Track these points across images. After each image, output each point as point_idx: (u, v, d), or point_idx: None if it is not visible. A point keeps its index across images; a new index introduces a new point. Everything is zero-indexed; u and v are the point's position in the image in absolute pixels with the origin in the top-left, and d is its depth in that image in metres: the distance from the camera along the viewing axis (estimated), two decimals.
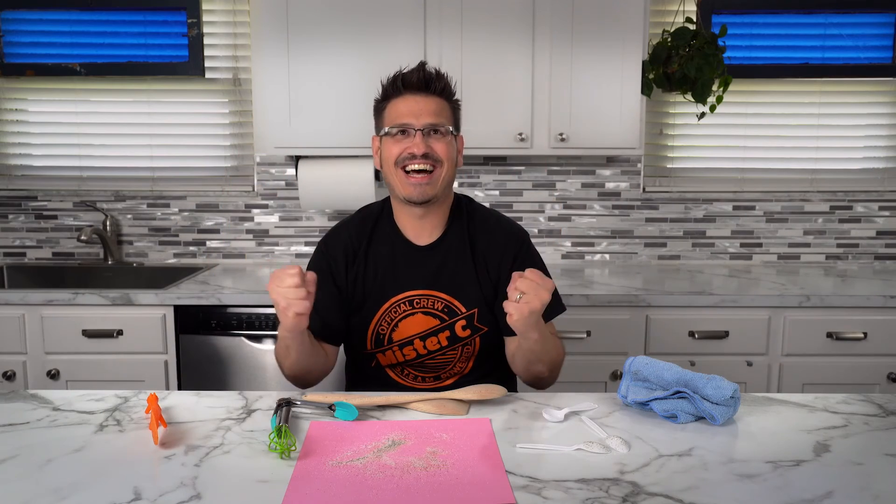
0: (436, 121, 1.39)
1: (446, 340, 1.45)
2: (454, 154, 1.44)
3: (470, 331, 1.45)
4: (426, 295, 1.44)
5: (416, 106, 1.39)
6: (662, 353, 2.15)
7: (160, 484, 0.96)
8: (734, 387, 1.15)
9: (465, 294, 1.45)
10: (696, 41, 2.32)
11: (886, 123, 2.72)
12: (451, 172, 1.44)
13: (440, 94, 1.42)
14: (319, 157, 2.46)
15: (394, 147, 1.40)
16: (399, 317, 1.45)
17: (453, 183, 1.50)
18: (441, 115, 1.41)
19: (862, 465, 1.02)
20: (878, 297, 2.17)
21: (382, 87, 1.45)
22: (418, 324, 1.45)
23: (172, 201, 2.76)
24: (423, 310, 1.44)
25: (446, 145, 1.41)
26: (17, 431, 1.14)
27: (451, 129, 1.42)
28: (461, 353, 1.46)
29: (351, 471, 1.00)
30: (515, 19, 2.30)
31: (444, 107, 1.42)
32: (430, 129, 1.39)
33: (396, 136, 1.40)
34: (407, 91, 1.41)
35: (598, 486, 0.95)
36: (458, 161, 1.48)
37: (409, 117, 1.39)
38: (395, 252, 1.47)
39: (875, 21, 2.66)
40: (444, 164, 1.40)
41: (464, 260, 1.46)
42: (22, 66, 2.69)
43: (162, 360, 2.20)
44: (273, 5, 2.30)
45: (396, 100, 1.41)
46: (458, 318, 1.44)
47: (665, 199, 2.74)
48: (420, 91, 1.40)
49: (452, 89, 1.46)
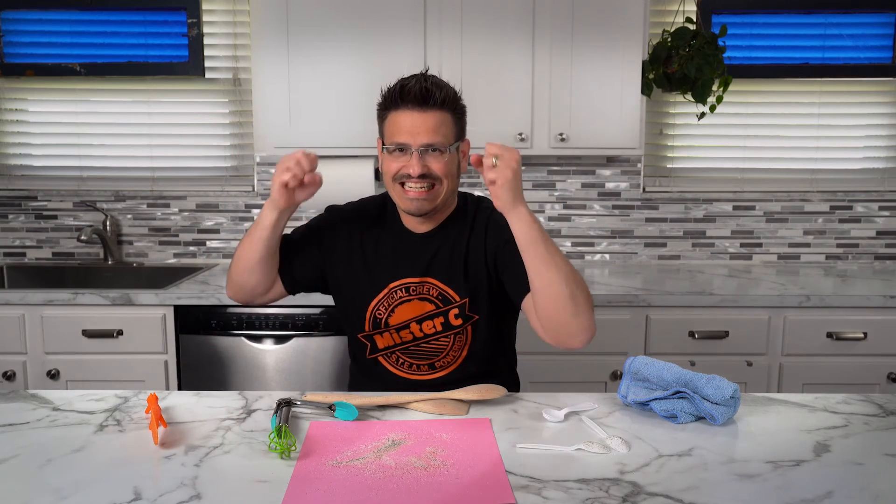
0: (433, 140, 1.36)
1: (441, 326, 1.46)
2: (454, 169, 1.42)
3: (462, 320, 1.46)
4: (422, 282, 1.46)
5: (414, 123, 1.36)
6: (662, 353, 2.15)
7: (160, 484, 0.96)
8: (734, 387, 1.15)
9: (458, 283, 1.46)
10: (696, 41, 2.32)
11: (886, 123, 2.72)
12: (452, 185, 1.42)
13: (440, 107, 1.37)
14: (319, 157, 2.45)
15: (392, 163, 1.39)
16: (396, 302, 1.47)
17: (455, 192, 1.49)
18: (439, 130, 1.37)
19: (862, 465, 1.02)
20: (878, 297, 2.17)
21: (382, 94, 1.42)
22: (415, 308, 1.46)
23: (172, 201, 2.76)
24: (419, 296, 1.46)
25: (444, 164, 1.38)
26: (17, 431, 1.14)
27: (450, 146, 1.38)
28: (454, 340, 1.47)
29: (351, 471, 1.00)
30: (515, 19, 2.30)
31: (443, 120, 1.37)
32: (428, 148, 1.36)
33: (394, 153, 1.39)
34: (405, 104, 1.36)
35: (598, 486, 0.95)
36: (462, 166, 1.46)
37: (406, 136, 1.36)
38: (395, 239, 1.49)
39: (875, 21, 2.66)
40: (442, 181, 1.39)
41: (458, 249, 1.47)
42: (22, 66, 2.69)
43: (162, 360, 2.20)
44: (273, 5, 2.30)
45: (396, 113, 1.38)
46: (451, 307, 1.46)
47: (665, 199, 2.74)
48: (418, 105, 1.35)
49: (456, 97, 1.41)
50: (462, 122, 1.44)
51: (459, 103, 1.42)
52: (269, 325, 2.18)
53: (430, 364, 1.49)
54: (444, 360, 1.49)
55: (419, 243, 1.48)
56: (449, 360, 1.49)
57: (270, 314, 2.18)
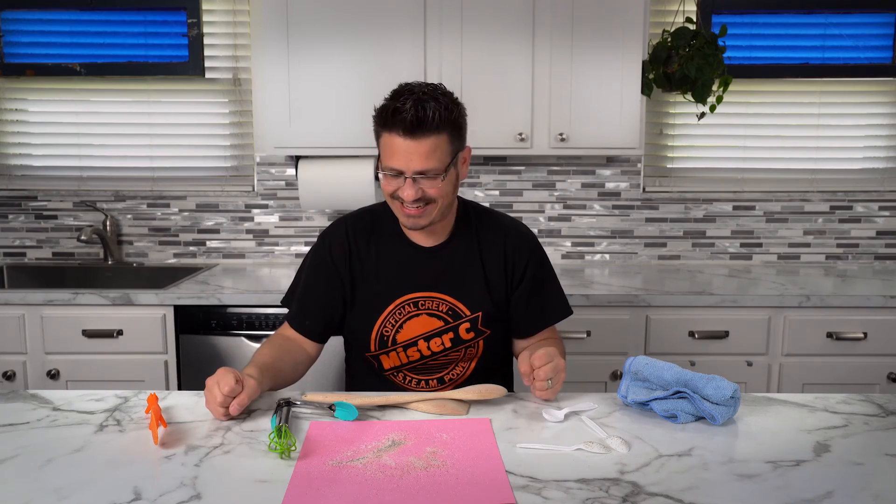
0: (426, 167, 1.32)
1: (450, 342, 1.45)
2: (450, 189, 1.38)
3: (474, 334, 1.45)
4: (430, 297, 1.44)
5: (407, 150, 1.31)
6: (662, 353, 2.15)
7: (160, 484, 0.96)
8: (734, 387, 1.15)
9: (471, 297, 1.44)
10: (696, 41, 2.32)
11: (886, 123, 2.72)
12: (448, 200, 1.40)
13: (435, 131, 1.30)
14: (319, 157, 2.46)
15: (388, 184, 1.36)
16: (404, 318, 1.44)
17: (454, 202, 1.46)
18: (433, 156, 1.31)
19: (862, 465, 1.02)
20: (878, 297, 2.17)
21: (377, 109, 1.36)
22: (423, 325, 1.44)
23: (172, 201, 2.76)
24: (427, 311, 1.44)
25: (438, 188, 1.34)
26: (17, 431, 1.14)
27: (445, 168, 1.34)
28: (464, 353, 1.46)
29: (351, 471, 1.00)
30: (515, 19, 2.30)
31: (438, 143, 1.31)
32: (421, 174, 1.33)
33: (389, 176, 1.35)
34: (397, 129, 1.30)
35: (598, 486, 0.95)
36: (462, 173, 1.43)
37: (399, 162, 1.32)
38: (400, 253, 1.47)
39: (875, 21, 2.66)
40: (437, 201, 1.36)
41: (471, 262, 1.46)
42: (22, 66, 2.69)
43: (162, 360, 2.20)
44: (273, 5, 2.29)
45: (389, 135, 1.32)
46: (462, 321, 1.44)
47: (665, 199, 2.74)
48: (411, 133, 1.29)
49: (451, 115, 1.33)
50: (461, 133, 1.38)
51: (457, 119, 1.35)
52: (269, 325, 2.18)
53: (439, 378, 1.49)
54: (454, 372, 1.48)
55: (427, 257, 1.46)
56: (458, 373, 1.48)
57: (270, 314, 2.18)
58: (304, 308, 1.50)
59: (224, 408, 1.17)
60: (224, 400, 1.16)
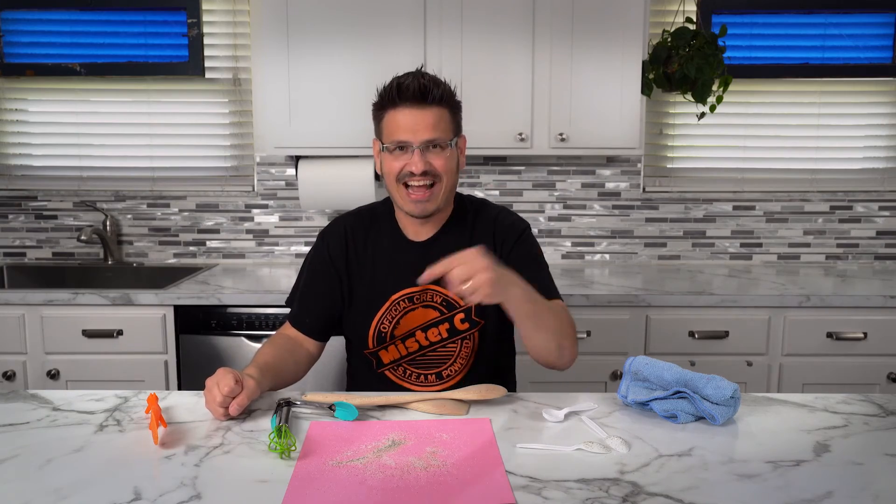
0: (433, 136, 1.37)
1: (446, 332, 1.46)
2: (454, 165, 1.43)
3: (468, 324, 1.46)
4: (425, 289, 1.45)
5: (414, 120, 1.36)
6: (662, 353, 2.15)
7: (160, 484, 0.96)
8: (734, 387, 1.15)
9: None
10: (696, 41, 2.32)
11: (886, 123, 2.72)
12: (452, 182, 1.44)
13: (438, 103, 1.37)
14: (319, 157, 2.46)
15: (394, 163, 1.39)
16: (400, 314, 1.46)
17: (454, 190, 1.49)
18: (439, 126, 1.38)
19: (862, 465, 1.02)
20: (878, 297, 2.17)
21: (379, 93, 1.41)
22: (419, 317, 1.46)
23: (172, 201, 2.76)
24: (423, 303, 1.46)
25: (445, 159, 1.39)
26: (17, 431, 1.14)
27: (450, 141, 1.40)
28: (461, 346, 1.47)
29: (351, 471, 1.00)
30: (515, 19, 2.30)
31: (442, 115, 1.38)
32: (429, 144, 1.37)
33: (395, 152, 1.39)
34: (403, 102, 1.36)
35: (598, 486, 0.95)
36: (461, 162, 1.47)
37: (406, 133, 1.36)
38: (394, 249, 1.49)
39: (875, 21, 2.66)
40: (443, 179, 1.40)
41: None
42: (22, 66, 2.69)
43: (162, 360, 2.20)
44: (273, 5, 2.29)
45: (394, 111, 1.38)
46: (456, 311, 1.45)
47: (665, 199, 2.74)
48: (417, 102, 1.35)
49: (452, 93, 1.42)
50: (458, 117, 1.45)
51: (455, 99, 1.43)
52: (270, 325, 2.18)
53: (437, 374, 1.49)
54: (452, 367, 1.48)
55: (418, 252, 1.47)
56: (457, 368, 1.48)
57: (270, 314, 2.18)
58: (304, 306, 1.52)
59: (223, 408, 1.17)
60: (223, 400, 1.17)
